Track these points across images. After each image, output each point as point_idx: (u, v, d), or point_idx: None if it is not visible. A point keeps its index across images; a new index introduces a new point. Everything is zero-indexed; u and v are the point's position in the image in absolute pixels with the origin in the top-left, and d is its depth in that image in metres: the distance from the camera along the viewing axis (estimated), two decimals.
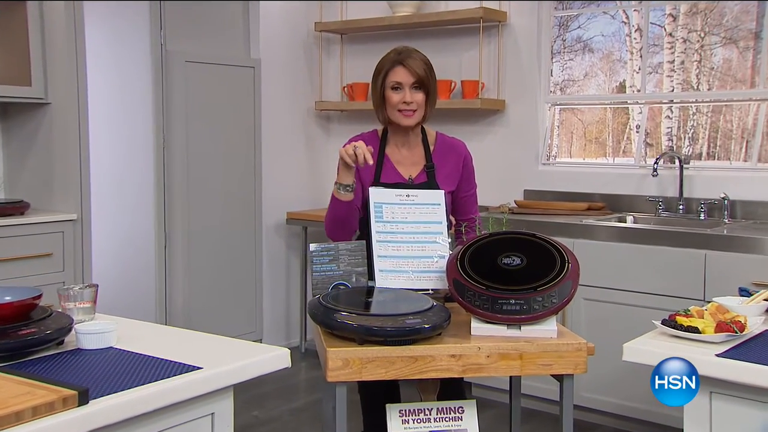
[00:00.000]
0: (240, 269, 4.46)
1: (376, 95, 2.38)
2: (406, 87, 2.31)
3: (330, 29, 4.73)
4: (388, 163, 2.39)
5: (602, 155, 4.41)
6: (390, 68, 2.32)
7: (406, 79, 2.31)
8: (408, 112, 2.32)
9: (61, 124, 3.66)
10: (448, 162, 2.40)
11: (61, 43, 3.60)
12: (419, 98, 2.32)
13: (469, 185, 2.45)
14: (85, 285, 1.84)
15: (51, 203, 3.72)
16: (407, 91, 2.31)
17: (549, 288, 1.85)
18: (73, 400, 1.28)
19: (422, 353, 1.78)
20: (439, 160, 2.40)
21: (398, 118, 2.33)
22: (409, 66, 2.30)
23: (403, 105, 2.31)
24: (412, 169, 2.39)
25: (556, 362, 1.81)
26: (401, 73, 2.31)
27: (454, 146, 2.45)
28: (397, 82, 2.31)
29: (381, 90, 2.35)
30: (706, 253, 3.09)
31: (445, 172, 2.39)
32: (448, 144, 2.45)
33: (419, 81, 2.31)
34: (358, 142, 2.20)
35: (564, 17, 4.32)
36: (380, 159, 2.38)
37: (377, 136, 2.43)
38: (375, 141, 2.41)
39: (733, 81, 3.90)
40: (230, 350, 1.67)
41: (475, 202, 2.48)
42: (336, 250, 2.10)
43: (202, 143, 4.24)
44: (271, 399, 3.84)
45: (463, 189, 2.43)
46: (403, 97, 2.31)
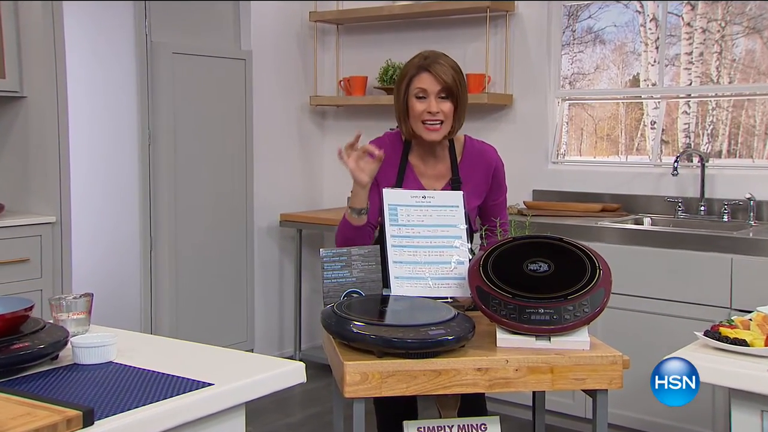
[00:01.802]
0: (230, 275, 4.41)
1: (398, 105, 2.27)
2: (431, 95, 2.20)
3: (325, 19, 4.69)
4: (410, 173, 2.29)
5: (614, 153, 4.39)
6: (414, 74, 2.22)
7: (432, 87, 2.20)
8: (434, 124, 2.21)
9: (37, 119, 3.60)
10: (475, 174, 2.31)
11: (37, 33, 3.54)
12: (446, 108, 2.20)
13: (498, 193, 2.37)
14: (79, 294, 1.79)
15: (27, 205, 3.66)
16: (433, 101, 2.20)
17: (580, 296, 1.82)
18: (77, 421, 1.23)
19: (446, 367, 1.74)
20: (467, 172, 2.30)
21: (422, 131, 2.22)
22: (435, 72, 2.19)
23: (427, 116, 2.20)
24: (436, 183, 2.30)
25: (590, 376, 1.78)
26: (427, 79, 2.20)
27: (483, 154, 2.35)
28: (421, 89, 2.21)
29: (404, 98, 2.24)
30: (732, 257, 3.07)
31: (472, 185, 2.29)
32: (477, 151, 2.34)
33: (446, 89, 2.20)
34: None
35: (574, 6, 4.30)
36: (402, 165, 2.29)
37: (401, 139, 2.33)
38: (398, 144, 2.32)
39: (756, 74, 3.89)
40: (240, 364, 1.64)
41: (502, 209, 2.40)
42: (348, 256, 2.06)
43: (190, 140, 4.18)
44: (266, 413, 3.79)
45: (492, 197, 2.36)
46: (428, 106, 2.20)
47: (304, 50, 4.79)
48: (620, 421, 3.34)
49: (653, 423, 3.28)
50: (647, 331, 3.21)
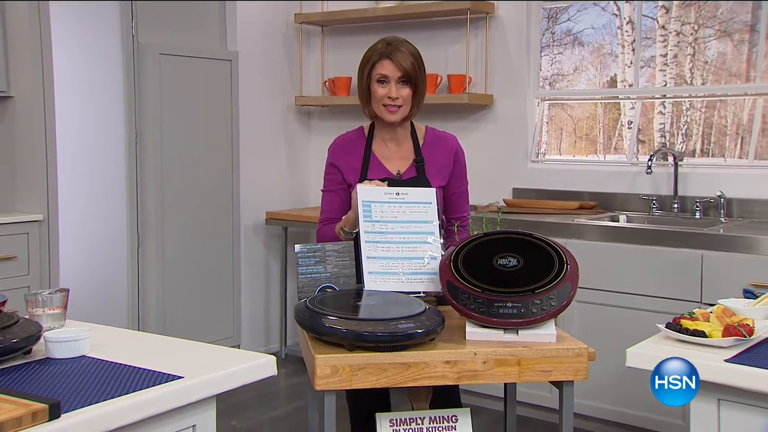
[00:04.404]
0: (217, 272, 4.39)
1: (361, 88, 2.34)
2: (392, 81, 2.27)
3: (310, 21, 4.68)
4: (374, 159, 2.36)
5: (593, 152, 4.40)
6: (377, 60, 2.29)
7: (393, 73, 2.27)
8: (393, 108, 2.29)
9: (24, 118, 3.58)
10: (438, 156, 2.37)
11: (24, 35, 3.52)
12: (405, 93, 2.28)
13: (461, 181, 2.41)
14: (54, 290, 1.78)
15: (14, 203, 3.64)
16: (393, 86, 2.27)
17: (547, 290, 1.82)
18: (43, 414, 1.22)
19: (415, 360, 1.74)
20: (429, 154, 2.36)
21: (383, 113, 2.30)
22: (396, 59, 2.26)
23: (388, 100, 2.28)
24: (400, 164, 2.36)
25: (556, 368, 1.78)
26: (388, 66, 2.27)
27: (444, 139, 2.42)
28: (383, 75, 2.28)
29: (366, 83, 2.31)
30: (703, 253, 3.08)
31: (436, 166, 2.36)
32: (438, 137, 2.42)
33: (406, 75, 2.27)
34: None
35: (553, 9, 4.31)
36: (366, 156, 2.35)
37: (363, 134, 2.40)
38: (361, 139, 2.39)
39: (728, 75, 3.90)
40: (212, 358, 1.62)
41: (466, 200, 2.44)
42: (323, 251, 2.05)
43: (176, 140, 4.16)
44: (250, 408, 3.78)
45: (453, 185, 2.39)
46: (389, 91, 2.27)
47: (289, 51, 4.77)
48: (594, 413, 3.35)
49: (624, 414, 3.30)
50: (621, 325, 3.21)
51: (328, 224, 2.34)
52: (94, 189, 4.02)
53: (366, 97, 2.33)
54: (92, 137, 4.01)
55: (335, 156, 2.38)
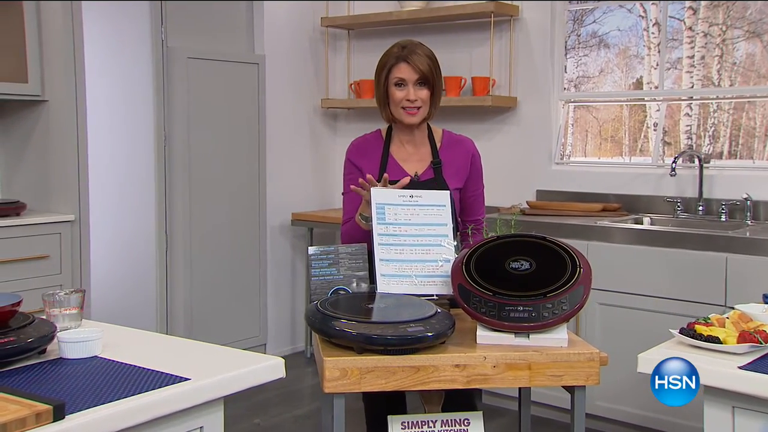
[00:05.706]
0: (243, 272, 4.41)
1: (379, 92, 2.34)
2: (409, 84, 2.27)
3: (337, 24, 4.67)
4: (392, 161, 2.35)
5: (618, 154, 4.32)
6: (393, 64, 2.28)
7: (410, 76, 2.26)
8: (412, 110, 2.28)
9: (58, 122, 3.62)
10: (455, 158, 2.36)
11: (58, 39, 3.56)
12: (423, 95, 2.28)
13: (477, 184, 2.39)
14: (71, 290, 1.79)
15: (48, 204, 3.68)
16: (411, 88, 2.27)
17: (559, 294, 1.78)
18: (47, 415, 1.22)
19: (425, 363, 1.71)
20: (446, 156, 2.35)
21: (402, 116, 2.30)
22: (412, 62, 2.25)
23: (406, 102, 2.27)
24: (418, 165, 2.34)
25: (567, 373, 1.74)
26: (405, 69, 2.26)
27: (461, 142, 2.41)
28: (400, 78, 2.27)
29: (384, 87, 2.31)
30: (728, 256, 3.00)
31: (453, 168, 2.34)
32: (455, 140, 2.41)
33: (423, 78, 2.27)
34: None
35: (578, 11, 4.24)
36: (384, 158, 2.34)
37: (381, 136, 2.40)
38: (378, 141, 2.38)
39: (757, 77, 3.80)
40: (222, 360, 1.61)
41: (482, 203, 2.42)
42: (336, 254, 2.04)
43: (204, 142, 4.19)
44: (273, 406, 3.78)
45: (470, 188, 2.37)
46: (407, 94, 2.27)
47: (315, 54, 4.77)
48: (613, 415, 3.30)
49: (643, 416, 3.23)
50: (643, 328, 3.15)
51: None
52: (124, 190, 4.07)
53: (384, 100, 2.32)
54: (123, 140, 4.05)
55: (354, 156, 2.38)
